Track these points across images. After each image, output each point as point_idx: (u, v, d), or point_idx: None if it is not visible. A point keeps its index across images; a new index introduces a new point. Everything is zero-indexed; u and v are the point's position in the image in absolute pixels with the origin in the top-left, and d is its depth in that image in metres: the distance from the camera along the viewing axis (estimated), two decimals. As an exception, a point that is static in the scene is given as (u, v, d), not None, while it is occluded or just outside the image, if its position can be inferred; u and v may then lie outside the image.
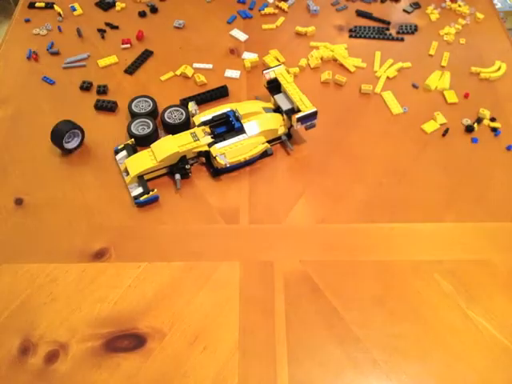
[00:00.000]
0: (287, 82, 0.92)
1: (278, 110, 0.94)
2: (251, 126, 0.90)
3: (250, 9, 1.22)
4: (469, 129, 0.96)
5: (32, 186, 0.88)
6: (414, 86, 1.05)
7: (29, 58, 1.09)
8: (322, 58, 1.09)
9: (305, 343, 0.71)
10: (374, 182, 0.89)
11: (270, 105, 0.95)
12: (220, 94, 1.02)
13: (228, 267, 0.78)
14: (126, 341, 0.70)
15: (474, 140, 0.95)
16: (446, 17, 1.21)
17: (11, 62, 1.09)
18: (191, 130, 0.90)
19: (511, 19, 1.97)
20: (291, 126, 0.91)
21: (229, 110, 0.91)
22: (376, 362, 0.69)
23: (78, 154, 0.92)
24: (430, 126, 0.97)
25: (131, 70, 1.07)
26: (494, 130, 0.96)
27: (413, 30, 1.17)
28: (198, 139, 0.88)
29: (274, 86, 0.95)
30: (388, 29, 1.18)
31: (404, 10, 1.23)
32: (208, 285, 0.76)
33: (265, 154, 0.92)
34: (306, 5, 1.22)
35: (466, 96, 1.02)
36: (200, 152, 0.88)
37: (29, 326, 0.72)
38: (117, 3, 1.22)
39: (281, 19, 1.19)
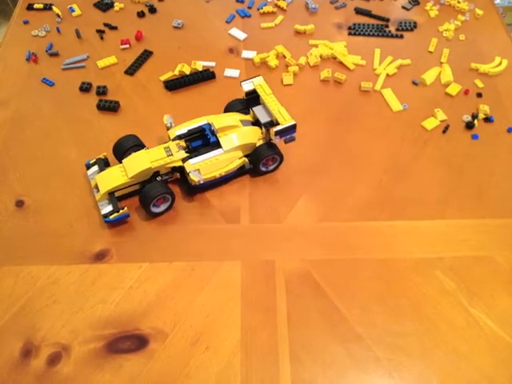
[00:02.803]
0: (266, 94, 0.88)
1: (257, 123, 0.89)
2: (228, 141, 0.85)
3: (249, 8, 1.22)
4: (469, 125, 0.96)
5: (33, 187, 0.88)
6: (414, 83, 1.05)
7: (28, 59, 1.09)
8: (321, 56, 1.09)
9: (307, 342, 0.71)
10: (374, 179, 0.89)
11: (249, 117, 0.90)
12: (207, 76, 1.05)
13: (229, 267, 0.78)
14: (128, 342, 0.71)
15: (475, 136, 0.95)
16: (445, 13, 1.20)
17: (10, 64, 1.09)
18: (165, 145, 0.85)
19: (511, 15, 1.97)
20: (270, 139, 0.86)
21: (205, 123, 0.88)
22: (379, 360, 0.69)
23: (78, 155, 0.92)
24: (430, 123, 0.97)
25: (131, 70, 1.07)
26: (487, 119, 0.98)
27: (412, 26, 1.17)
28: (172, 154, 0.84)
29: (253, 98, 0.90)
30: (387, 26, 1.17)
31: (403, 7, 1.23)
32: (209, 285, 0.76)
33: (243, 169, 0.88)
34: (305, 3, 1.22)
35: (466, 92, 1.02)
36: (174, 167, 0.85)
37: (31, 328, 0.72)
38: (115, 4, 1.22)
39: (280, 18, 1.19)
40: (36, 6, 1.21)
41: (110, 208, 0.82)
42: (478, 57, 1.09)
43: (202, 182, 0.83)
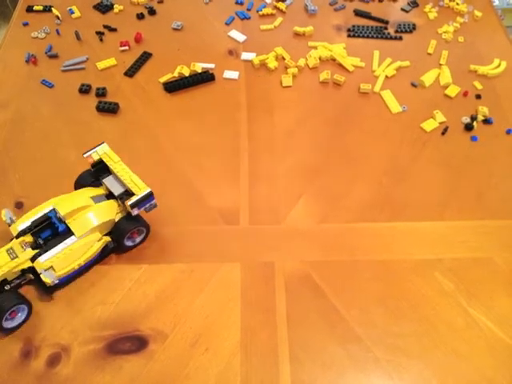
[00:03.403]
0: (114, 162, 0.79)
1: (111, 195, 0.79)
2: (80, 225, 0.74)
3: (248, 10, 1.22)
4: (468, 127, 0.96)
5: (32, 189, 0.88)
6: (413, 85, 1.05)
7: (27, 61, 1.09)
8: (320, 58, 1.09)
9: (306, 343, 0.71)
10: (373, 181, 0.89)
11: (102, 190, 0.80)
12: (206, 78, 1.05)
13: (229, 268, 0.78)
14: (128, 343, 0.70)
15: (474, 138, 0.95)
16: (444, 15, 1.21)
17: (10, 66, 1.09)
18: (7, 246, 0.73)
19: (509, 17, 1.97)
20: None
21: (51, 208, 0.77)
22: (378, 361, 0.69)
23: (77, 157, 0.92)
24: (429, 125, 0.97)
25: (130, 72, 1.07)
26: (486, 120, 0.98)
27: (411, 28, 1.17)
28: (17, 256, 0.71)
29: (102, 168, 0.81)
30: (386, 28, 1.18)
31: (402, 9, 1.23)
32: (209, 286, 0.76)
33: (106, 250, 0.78)
34: (304, 5, 1.22)
35: (465, 94, 1.02)
36: (23, 269, 0.73)
37: (31, 329, 0.72)
38: (115, 6, 1.22)
39: (279, 20, 1.19)
40: (36, 7, 1.21)
41: None
42: (476, 59, 1.10)
43: (56, 281, 0.72)
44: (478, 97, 1.02)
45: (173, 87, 1.03)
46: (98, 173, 0.81)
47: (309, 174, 0.90)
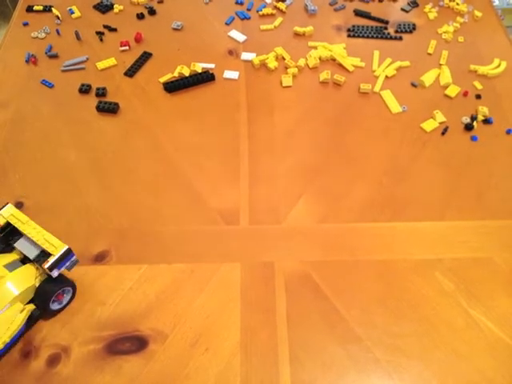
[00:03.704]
0: (23, 223, 0.72)
1: (26, 258, 0.72)
2: None
3: (248, 10, 1.22)
4: (468, 127, 0.96)
5: (32, 189, 0.88)
6: (413, 85, 1.05)
7: (27, 61, 1.09)
8: (320, 58, 1.09)
9: (306, 343, 0.70)
10: (373, 181, 0.89)
11: (15, 256, 0.72)
12: (206, 78, 1.04)
13: (229, 268, 0.78)
14: (128, 343, 0.70)
15: (474, 138, 0.95)
16: (444, 15, 1.21)
17: (10, 66, 1.09)
18: None
19: (509, 17, 1.97)
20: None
21: None
22: (378, 362, 0.69)
23: (77, 157, 0.92)
24: (429, 125, 0.97)
25: (130, 72, 1.07)
26: (486, 120, 0.98)
27: (411, 28, 1.17)
28: None
29: (11, 231, 0.74)
30: (386, 28, 1.18)
31: (402, 9, 1.23)
32: (209, 286, 0.76)
33: (32, 319, 0.71)
34: (304, 5, 1.22)
35: (465, 94, 1.02)
36: None
37: (30, 329, 0.72)
38: (115, 6, 1.22)
39: (279, 20, 1.19)
40: (36, 7, 1.21)
41: None
42: (476, 59, 1.10)
43: None
44: (478, 97, 1.02)
45: (173, 87, 1.03)
46: (7, 237, 0.74)
47: (309, 174, 0.90)
